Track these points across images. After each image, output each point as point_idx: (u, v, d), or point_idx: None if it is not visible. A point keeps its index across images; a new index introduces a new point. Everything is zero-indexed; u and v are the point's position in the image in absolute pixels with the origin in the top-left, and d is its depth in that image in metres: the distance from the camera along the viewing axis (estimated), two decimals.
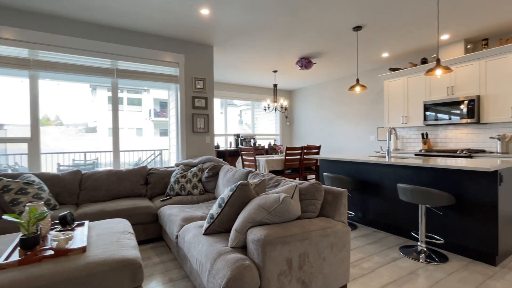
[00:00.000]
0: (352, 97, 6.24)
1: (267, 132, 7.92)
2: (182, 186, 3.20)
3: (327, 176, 3.35)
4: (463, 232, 2.45)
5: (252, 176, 2.58)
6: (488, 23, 3.58)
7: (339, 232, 1.81)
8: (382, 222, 3.13)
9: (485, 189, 2.31)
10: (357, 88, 3.77)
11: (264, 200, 1.67)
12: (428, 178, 2.68)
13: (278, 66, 5.48)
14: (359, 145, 6.09)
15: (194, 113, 4.13)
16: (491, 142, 4.01)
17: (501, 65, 3.67)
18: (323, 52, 4.65)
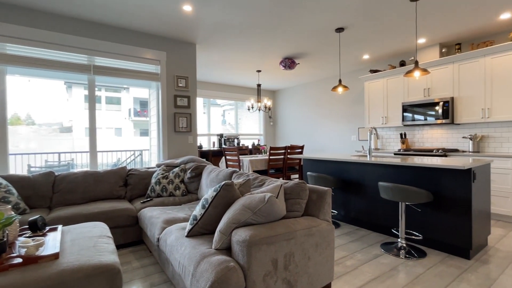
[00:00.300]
0: (334, 98, 6.35)
1: (250, 132, 7.90)
2: (163, 187, 3.11)
3: (311, 176, 3.37)
4: (440, 228, 2.55)
5: (236, 176, 2.54)
6: (460, 29, 3.76)
7: (323, 231, 1.82)
8: (364, 220, 3.19)
9: (460, 186, 2.41)
10: (339, 89, 3.83)
11: (249, 200, 1.65)
12: (408, 176, 2.77)
13: (262, 66, 5.48)
14: (341, 145, 6.21)
15: (176, 112, 4.03)
16: (463, 141, 4.22)
17: (472, 69, 3.86)
18: (307, 52, 4.70)
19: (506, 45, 3.52)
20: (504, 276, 2.11)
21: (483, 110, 3.77)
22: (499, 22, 3.55)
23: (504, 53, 3.57)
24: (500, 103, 3.62)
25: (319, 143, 6.76)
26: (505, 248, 2.63)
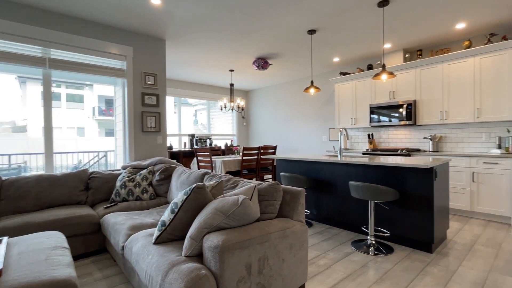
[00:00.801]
0: (306, 99, 6.46)
1: (223, 132, 7.78)
2: (129, 190, 2.91)
3: (284, 176, 3.37)
4: (405, 224, 2.67)
5: (208, 178, 2.45)
6: (422, 37, 4.00)
7: (297, 232, 1.80)
8: (336, 218, 3.26)
9: (423, 184, 2.54)
10: (311, 90, 3.89)
11: (222, 204, 1.57)
12: (376, 176, 2.87)
13: (235, 65, 5.41)
14: (312, 145, 6.34)
15: (144, 111, 3.82)
16: (424, 142, 4.50)
17: (432, 74, 4.13)
18: (279, 53, 4.71)
19: (460, 52, 3.81)
20: (462, 267, 2.26)
21: (441, 112, 4.05)
22: (455, 31, 3.83)
23: (458, 60, 3.87)
24: (456, 106, 3.92)
25: (292, 143, 6.84)
26: (462, 241, 2.83)
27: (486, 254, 2.50)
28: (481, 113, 3.69)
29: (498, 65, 3.54)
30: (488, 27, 3.71)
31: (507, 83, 3.47)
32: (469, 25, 3.62)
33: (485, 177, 3.48)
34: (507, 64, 3.47)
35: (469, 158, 3.61)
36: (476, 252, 2.55)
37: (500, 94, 3.53)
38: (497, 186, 3.40)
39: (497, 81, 3.55)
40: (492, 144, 3.84)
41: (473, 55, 3.74)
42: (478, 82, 3.70)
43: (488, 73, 3.62)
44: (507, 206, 3.33)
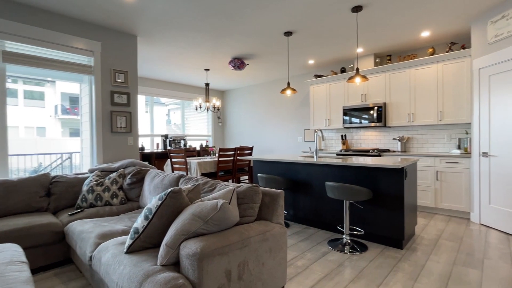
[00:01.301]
0: (282, 100, 6.52)
1: (198, 133, 7.61)
2: (98, 195, 2.72)
3: (261, 177, 3.36)
4: (378, 222, 2.77)
5: (184, 181, 2.36)
6: (391, 43, 4.20)
7: (277, 234, 1.78)
8: (312, 218, 3.31)
9: (395, 183, 2.66)
10: (288, 91, 3.92)
11: (200, 208, 1.51)
12: (351, 176, 2.95)
13: (211, 64, 5.30)
14: (288, 146, 6.41)
15: (113, 111, 3.60)
16: (393, 142, 4.74)
17: (400, 78, 4.36)
18: (256, 54, 4.70)
19: (425, 59, 4.06)
20: (430, 262, 2.39)
21: (409, 115, 4.28)
22: (421, 39, 4.07)
23: (424, 66, 4.12)
24: (421, 109, 4.16)
25: (268, 144, 6.87)
26: (428, 236, 3.00)
27: (449, 248, 2.67)
28: (444, 116, 3.96)
29: (458, 72, 3.82)
30: (449, 36, 3.99)
31: (466, 88, 3.76)
32: (432, 33, 3.87)
33: (447, 175, 3.74)
34: (466, 71, 3.75)
35: (433, 158, 3.85)
36: (441, 246, 2.72)
37: (460, 99, 3.81)
38: (457, 184, 3.66)
39: (457, 87, 3.83)
40: (453, 145, 4.13)
41: (436, 62, 4.00)
42: (441, 87, 3.97)
43: (449, 79, 3.90)
44: (466, 202, 3.60)
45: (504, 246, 2.72)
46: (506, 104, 3.04)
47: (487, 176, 3.28)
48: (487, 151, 3.27)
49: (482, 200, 3.35)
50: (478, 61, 3.39)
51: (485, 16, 3.27)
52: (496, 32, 3.12)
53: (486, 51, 3.29)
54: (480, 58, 3.36)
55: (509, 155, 3.01)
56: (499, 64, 3.11)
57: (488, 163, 3.26)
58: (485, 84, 3.29)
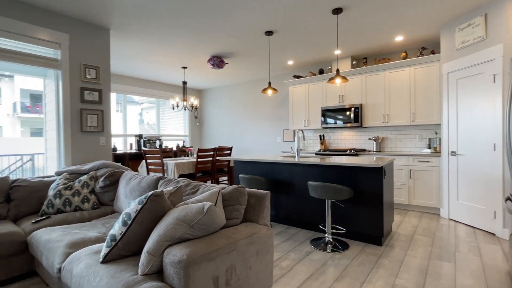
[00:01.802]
0: (261, 100, 6.51)
1: (174, 133, 7.37)
2: (66, 200, 2.50)
3: (243, 178, 3.30)
4: (359, 220, 2.83)
5: (163, 183, 2.24)
6: (367, 46, 4.35)
7: (264, 236, 1.74)
8: (294, 218, 3.31)
9: (374, 182, 2.73)
10: (269, 91, 3.90)
11: (185, 212, 1.42)
12: (332, 175, 2.99)
13: (189, 62, 5.14)
14: (267, 146, 6.41)
15: (83, 108, 3.34)
16: (369, 142, 4.90)
17: (376, 80, 4.52)
18: (236, 53, 4.63)
19: (399, 62, 4.24)
20: (408, 257, 2.48)
21: (383, 115, 4.46)
22: (395, 43, 4.25)
23: (397, 69, 4.30)
24: (395, 110, 4.35)
25: (247, 144, 6.82)
26: (404, 232, 3.12)
27: (424, 243, 2.79)
28: (416, 117, 4.16)
29: (429, 75, 4.03)
30: (421, 41, 4.21)
31: (436, 91, 3.98)
32: (406, 38, 4.05)
33: (419, 173, 3.93)
34: (435, 75, 3.97)
35: (406, 157, 4.03)
36: (416, 241, 2.84)
37: (430, 101, 4.03)
38: (428, 181, 3.86)
39: (428, 89, 4.04)
40: (423, 145, 4.36)
41: (409, 65, 4.20)
42: (413, 89, 4.17)
43: (421, 82, 4.10)
44: (436, 198, 3.81)
45: (472, 239, 2.90)
46: (472, 106, 3.25)
47: (455, 174, 3.49)
48: (455, 150, 3.48)
49: (451, 196, 3.56)
50: (447, 65, 3.60)
51: (453, 24, 3.48)
52: (463, 39, 3.34)
53: (454, 57, 3.50)
54: (448, 63, 3.57)
55: (474, 154, 3.23)
56: (466, 69, 3.32)
57: (456, 161, 3.47)
58: (453, 87, 3.50)
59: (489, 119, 3.04)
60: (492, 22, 2.99)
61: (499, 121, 2.91)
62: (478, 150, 3.18)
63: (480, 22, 3.10)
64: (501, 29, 2.90)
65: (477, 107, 3.18)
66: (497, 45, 2.91)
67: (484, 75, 3.09)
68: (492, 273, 2.17)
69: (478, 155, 3.18)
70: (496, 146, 2.95)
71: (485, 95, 3.08)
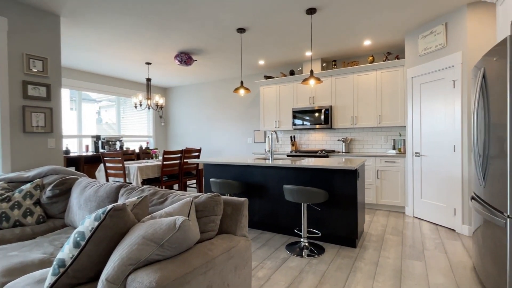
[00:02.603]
0: (231, 100, 6.32)
1: (137, 133, 6.86)
2: (3, 214, 2.10)
3: (215, 182, 3.10)
4: (334, 223, 2.81)
5: (125, 192, 1.97)
6: (336, 49, 4.41)
7: (242, 249, 1.59)
8: (268, 222, 3.20)
9: (349, 184, 2.72)
10: (241, 91, 3.75)
11: (152, 229, 1.21)
12: (307, 178, 2.93)
13: (153, 58, 4.78)
14: (238, 147, 6.25)
15: (27, 105, 2.88)
16: (338, 143, 5.00)
17: (345, 83, 4.62)
18: (206, 49, 4.40)
19: (366, 66, 4.37)
20: (382, 258, 2.50)
21: (352, 117, 4.56)
22: (363, 47, 4.37)
23: (365, 72, 4.43)
24: (363, 112, 4.47)
25: (216, 145, 6.59)
26: (375, 232, 3.18)
27: (395, 242, 2.86)
28: (382, 119, 4.32)
29: (394, 80, 4.21)
30: (387, 46, 4.38)
31: (400, 95, 4.16)
32: (373, 42, 4.18)
33: (386, 174, 4.08)
34: (400, 79, 4.15)
35: (374, 158, 4.16)
36: (387, 241, 2.90)
37: (395, 104, 4.21)
38: (394, 181, 4.02)
39: (393, 93, 4.22)
40: (388, 146, 4.55)
41: (375, 69, 4.34)
42: (379, 92, 4.32)
43: (387, 85, 4.27)
44: (401, 197, 3.98)
45: (436, 236, 3.05)
46: (434, 110, 3.43)
47: (419, 174, 3.66)
48: (419, 151, 3.66)
49: (415, 195, 3.73)
50: (411, 70, 3.77)
51: (417, 31, 3.66)
52: (425, 46, 3.51)
53: (417, 62, 3.67)
54: (412, 68, 3.74)
55: (436, 155, 3.41)
56: (428, 74, 3.50)
57: (420, 162, 3.64)
58: (417, 91, 3.68)
59: (449, 122, 3.23)
60: (452, 30, 3.18)
61: (459, 124, 3.10)
62: (439, 151, 3.37)
63: (441, 30, 3.28)
64: (460, 37, 3.09)
65: (439, 110, 3.37)
66: (457, 53, 3.10)
67: (445, 81, 3.28)
68: (459, 270, 2.27)
69: (439, 156, 3.37)
70: (456, 148, 3.14)
71: (446, 99, 3.26)
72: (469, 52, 3.00)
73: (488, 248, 1.88)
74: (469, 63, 3.00)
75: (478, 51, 2.97)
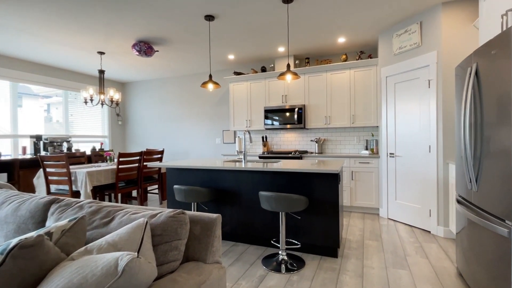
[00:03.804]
0: (198, 97, 5.86)
1: (89, 133, 6.06)
2: None
3: (179, 190, 2.68)
4: (314, 231, 2.57)
5: (58, 210, 1.49)
6: (310, 45, 4.23)
7: (215, 282, 1.23)
8: (241, 233, 2.86)
9: (330, 189, 2.50)
10: (210, 85, 3.36)
11: (81, 276, 0.81)
12: (284, 182, 2.65)
13: (106, 46, 4.17)
14: (206, 148, 5.81)
15: None
16: (311, 144, 4.83)
17: (318, 81, 4.46)
18: (169, 39, 3.92)
19: (339, 64, 4.25)
20: (366, 268, 2.31)
21: (325, 117, 4.41)
22: (336, 44, 4.24)
23: (338, 71, 4.31)
24: (336, 112, 4.34)
25: (182, 146, 6.07)
26: (354, 238, 3.02)
27: (375, 249, 2.70)
28: (355, 119, 4.22)
29: (367, 79, 4.14)
30: (360, 45, 4.30)
31: (373, 95, 4.10)
32: (347, 40, 4.07)
33: (360, 175, 3.98)
34: (373, 78, 4.09)
35: (348, 158, 4.05)
36: (368, 248, 2.73)
37: (368, 104, 4.14)
38: (368, 183, 3.94)
39: (366, 93, 4.14)
40: (361, 146, 4.49)
41: (349, 68, 4.24)
42: (353, 91, 4.22)
43: (360, 85, 4.18)
44: (375, 199, 3.90)
45: (413, 239, 2.97)
46: (409, 109, 3.39)
47: (393, 175, 3.60)
48: (393, 152, 3.60)
49: (390, 196, 3.67)
50: (385, 69, 3.71)
51: (391, 29, 3.60)
52: (400, 45, 3.45)
53: (392, 61, 3.61)
54: (387, 67, 3.68)
55: (411, 155, 3.36)
56: (403, 74, 3.45)
57: (394, 162, 3.59)
58: (392, 91, 3.62)
59: (424, 122, 3.19)
60: (427, 30, 3.14)
61: (434, 124, 3.06)
62: (414, 151, 3.32)
63: (416, 29, 3.23)
64: (435, 37, 3.05)
65: (414, 110, 3.32)
66: (432, 52, 3.06)
67: (420, 80, 3.23)
68: (444, 276, 2.15)
69: (414, 157, 3.32)
70: (431, 148, 3.10)
71: (421, 99, 3.22)
72: (444, 52, 2.97)
73: (479, 255, 1.75)
74: (445, 62, 2.97)
75: (453, 51, 2.95)
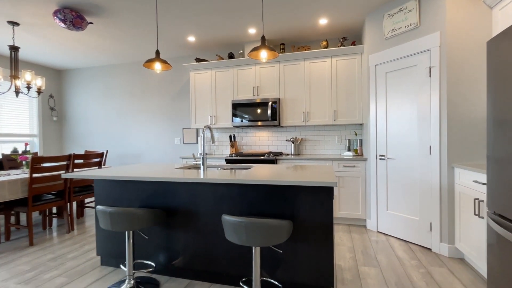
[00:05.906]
0: (153, 89, 4.91)
1: (12, 131, 4.80)
2: None
3: (104, 213, 1.81)
4: (300, 266, 1.87)
5: None
6: (286, 27, 3.57)
7: None
8: (198, 268, 2.07)
9: (321, 207, 1.82)
10: (157, 65, 2.51)
11: None
12: (258, 197, 1.92)
13: (18, 14, 3.10)
14: (162, 149, 4.89)
15: None
16: (286, 144, 4.18)
17: (295, 71, 3.81)
18: (106, 6, 2.99)
19: (320, 51, 3.64)
20: None
21: (304, 113, 3.78)
22: (316, 28, 3.62)
23: (318, 59, 3.70)
24: (317, 108, 3.73)
25: (134, 147, 5.07)
26: (345, 263, 2.38)
27: (376, 281, 2.09)
28: (338, 115, 3.65)
29: (351, 69, 3.58)
30: (343, 30, 3.73)
31: (358, 87, 3.55)
32: (329, 22, 3.47)
33: (345, 180, 3.40)
34: (357, 68, 3.55)
35: (331, 161, 3.45)
36: (366, 279, 2.11)
37: (352, 98, 3.58)
38: (354, 189, 3.37)
39: (350, 85, 3.59)
40: (343, 147, 3.93)
41: (330, 56, 3.65)
42: (335, 83, 3.64)
43: (343, 76, 3.61)
44: (362, 209, 3.35)
45: (416, 261, 2.42)
46: (403, 103, 2.86)
47: (384, 180, 3.06)
48: (384, 154, 3.06)
49: (379, 206, 3.13)
50: (374, 56, 3.16)
51: (382, 8, 3.05)
52: (393, 27, 2.92)
53: (382, 47, 3.07)
54: (376, 53, 3.13)
55: (406, 158, 2.84)
56: (396, 61, 2.91)
57: (386, 166, 3.05)
58: (382, 81, 3.08)
59: (424, 117, 2.67)
60: (427, 6, 2.62)
61: (436, 120, 2.55)
62: (410, 153, 2.80)
63: (413, 6, 2.71)
64: (437, 14, 2.54)
65: (409, 104, 2.80)
66: (433, 34, 2.54)
67: (418, 68, 2.71)
68: None
69: (410, 159, 2.80)
70: (432, 149, 2.59)
71: (420, 90, 2.70)
72: (449, 33, 2.46)
73: None
74: (450, 45, 2.46)
75: (460, 32, 2.46)
